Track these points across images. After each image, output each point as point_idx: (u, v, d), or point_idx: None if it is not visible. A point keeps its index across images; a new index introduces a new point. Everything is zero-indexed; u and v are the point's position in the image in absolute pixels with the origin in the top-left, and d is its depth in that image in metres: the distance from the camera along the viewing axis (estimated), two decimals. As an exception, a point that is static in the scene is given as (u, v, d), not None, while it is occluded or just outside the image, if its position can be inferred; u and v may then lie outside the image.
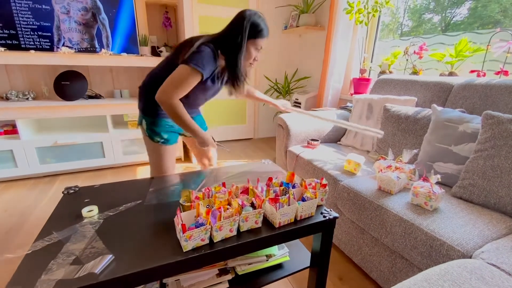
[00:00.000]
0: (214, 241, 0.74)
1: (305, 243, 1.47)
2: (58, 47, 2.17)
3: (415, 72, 1.94)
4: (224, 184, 0.91)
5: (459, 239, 0.85)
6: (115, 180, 2.20)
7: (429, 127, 1.33)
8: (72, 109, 2.16)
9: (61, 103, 2.15)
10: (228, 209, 0.77)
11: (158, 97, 1.04)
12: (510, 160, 0.97)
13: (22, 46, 2.08)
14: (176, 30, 2.69)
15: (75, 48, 2.23)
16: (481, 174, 1.04)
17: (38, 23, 2.08)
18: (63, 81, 2.21)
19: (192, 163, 2.64)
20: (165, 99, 1.03)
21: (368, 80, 2.25)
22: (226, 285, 0.88)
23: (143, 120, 1.23)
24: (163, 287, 0.87)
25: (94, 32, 2.26)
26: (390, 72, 2.12)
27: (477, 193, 1.04)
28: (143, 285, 0.79)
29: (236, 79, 1.15)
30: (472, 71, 1.62)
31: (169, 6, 2.61)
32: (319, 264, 0.95)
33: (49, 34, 2.13)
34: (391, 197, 1.11)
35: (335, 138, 1.98)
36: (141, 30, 2.43)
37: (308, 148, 1.76)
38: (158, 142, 1.24)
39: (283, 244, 1.05)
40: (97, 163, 2.35)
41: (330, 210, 0.91)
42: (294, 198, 0.85)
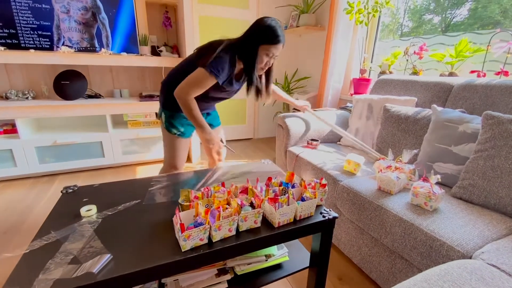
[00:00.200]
0: (213, 241, 0.74)
1: (305, 243, 1.47)
2: (58, 47, 2.17)
3: (415, 73, 1.94)
4: (223, 184, 0.91)
5: (459, 239, 0.84)
6: (115, 179, 2.19)
7: (429, 127, 1.33)
8: (72, 109, 2.15)
9: (61, 103, 2.15)
10: (227, 208, 0.77)
11: (175, 92, 1.18)
12: (510, 160, 0.97)
13: (22, 45, 2.08)
14: (176, 30, 2.69)
15: (75, 48, 2.22)
16: (481, 174, 1.03)
17: (38, 23, 2.08)
18: (63, 81, 2.21)
19: (192, 163, 2.64)
20: (181, 96, 1.17)
21: (368, 80, 2.24)
22: (225, 285, 0.88)
23: (163, 113, 1.36)
24: (161, 287, 0.86)
25: (94, 31, 2.26)
26: (390, 73, 2.12)
27: (477, 194, 1.04)
28: (141, 285, 0.78)
29: (252, 83, 1.24)
30: (472, 72, 1.62)
31: (169, 5, 2.61)
32: (319, 264, 0.94)
33: (49, 33, 2.13)
34: (391, 197, 1.10)
35: (335, 138, 1.97)
36: (141, 30, 2.43)
37: (308, 148, 1.76)
38: (175, 134, 1.37)
39: (282, 244, 1.04)
40: (96, 163, 2.34)
41: (330, 210, 0.91)
42: (294, 198, 0.85)
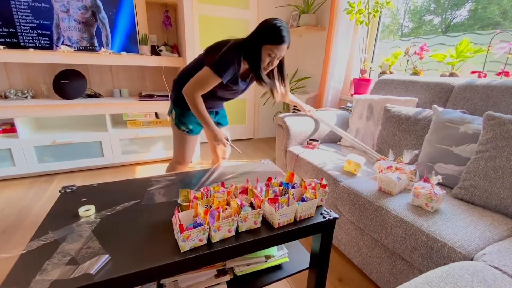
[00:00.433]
0: (213, 242, 0.73)
1: (305, 244, 1.46)
2: (57, 46, 2.16)
3: (415, 73, 1.94)
4: (223, 184, 0.90)
5: (460, 240, 0.84)
6: (114, 179, 2.18)
7: (430, 127, 1.32)
8: (71, 108, 2.15)
9: (60, 102, 2.14)
10: (226, 209, 0.76)
11: (183, 90, 1.23)
12: (511, 161, 0.96)
13: (21, 44, 2.07)
14: (176, 29, 2.68)
15: (75, 47, 2.21)
16: (483, 175, 1.03)
17: (37, 22, 2.07)
18: (62, 80, 2.20)
19: (192, 163, 2.63)
20: (188, 93, 1.22)
21: (368, 80, 2.24)
22: (225, 286, 0.87)
23: (173, 110, 1.41)
24: (160, 288, 0.86)
25: (94, 30, 2.25)
26: (391, 73, 2.12)
27: (478, 195, 1.03)
28: (140, 286, 0.78)
29: (261, 81, 1.26)
30: (473, 72, 1.62)
31: (169, 5, 2.60)
32: (319, 265, 0.94)
33: (48, 32, 2.12)
34: (391, 198, 1.10)
35: (335, 138, 1.97)
36: (141, 29, 2.42)
37: (308, 148, 1.75)
38: (184, 131, 1.42)
39: (282, 245, 1.04)
40: (95, 163, 2.33)
41: (330, 211, 0.90)
42: (294, 199, 0.84)
